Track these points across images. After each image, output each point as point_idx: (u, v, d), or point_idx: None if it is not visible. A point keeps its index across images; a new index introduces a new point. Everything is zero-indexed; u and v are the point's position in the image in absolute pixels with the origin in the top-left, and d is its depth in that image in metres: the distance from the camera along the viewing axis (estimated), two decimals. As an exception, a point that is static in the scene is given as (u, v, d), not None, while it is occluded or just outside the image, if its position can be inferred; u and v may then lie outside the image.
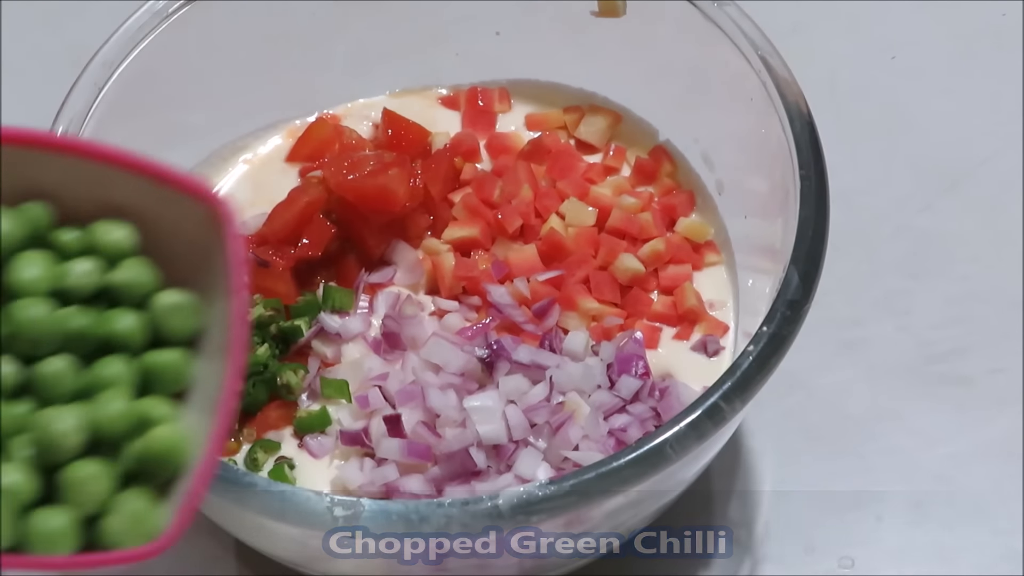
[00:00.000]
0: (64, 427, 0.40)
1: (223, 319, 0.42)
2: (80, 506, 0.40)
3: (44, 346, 0.40)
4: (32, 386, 0.41)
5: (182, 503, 0.41)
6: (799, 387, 0.75)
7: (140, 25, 0.69)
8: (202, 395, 0.42)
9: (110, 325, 0.41)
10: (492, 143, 0.80)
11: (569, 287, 0.72)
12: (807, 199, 0.62)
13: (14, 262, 0.41)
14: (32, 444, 0.40)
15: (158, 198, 0.42)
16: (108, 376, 0.41)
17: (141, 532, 0.41)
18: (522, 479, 0.64)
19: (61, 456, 0.40)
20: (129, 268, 0.42)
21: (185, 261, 0.43)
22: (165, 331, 0.42)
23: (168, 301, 0.42)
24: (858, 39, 0.91)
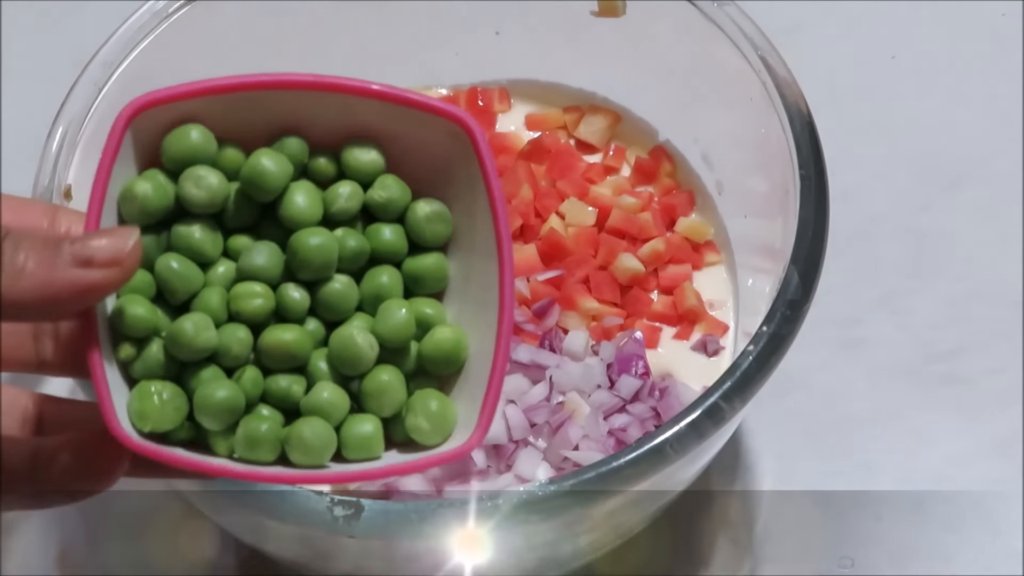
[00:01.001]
0: (364, 343, 0.44)
1: (477, 224, 0.45)
2: (381, 410, 0.44)
3: (326, 271, 0.44)
4: (317, 305, 0.45)
5: (485, 400, 0.44)
6: (799, 387, 0.75)
7: (140, 25, 0.69)
8: (463, 293, 0.46)
9: (379, 240, 0.46)
10: (492, 143, 0.79)
11: (569, 287, 0.72)
12: (807, 199, 0.62)
13: (287, 195, 0.45)
14: (332, 361, 0.44)
15: (400, 119, 0.46)
16: (383, 287, 0.45)
17: (442, 429, 0.44)
18: (522, 479, 0.64)
19: (361, 370, 0.44)
20: (385, 186, 0.46)
21: (426, 175, 0.46)
22: (422, 239, 0.46)
23: (424, 211, 0.46)
24: (858, 39, 0.91)
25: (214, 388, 0.43)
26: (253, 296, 0.44)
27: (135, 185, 0.44)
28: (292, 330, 0.44)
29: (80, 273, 0.40)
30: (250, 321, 0.44)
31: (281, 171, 0.45)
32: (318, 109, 0.46)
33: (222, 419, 0.43)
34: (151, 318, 0.43)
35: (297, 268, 0.44)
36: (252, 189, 0.45)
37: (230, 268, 0.45)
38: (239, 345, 0.44)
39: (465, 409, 0.45)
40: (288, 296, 0.44)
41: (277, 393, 0.44)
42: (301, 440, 0.43)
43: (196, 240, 0.44)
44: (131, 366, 0.43)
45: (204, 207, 0.44)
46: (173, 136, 0.45)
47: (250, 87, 0.45)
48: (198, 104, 0.45)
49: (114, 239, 0.41)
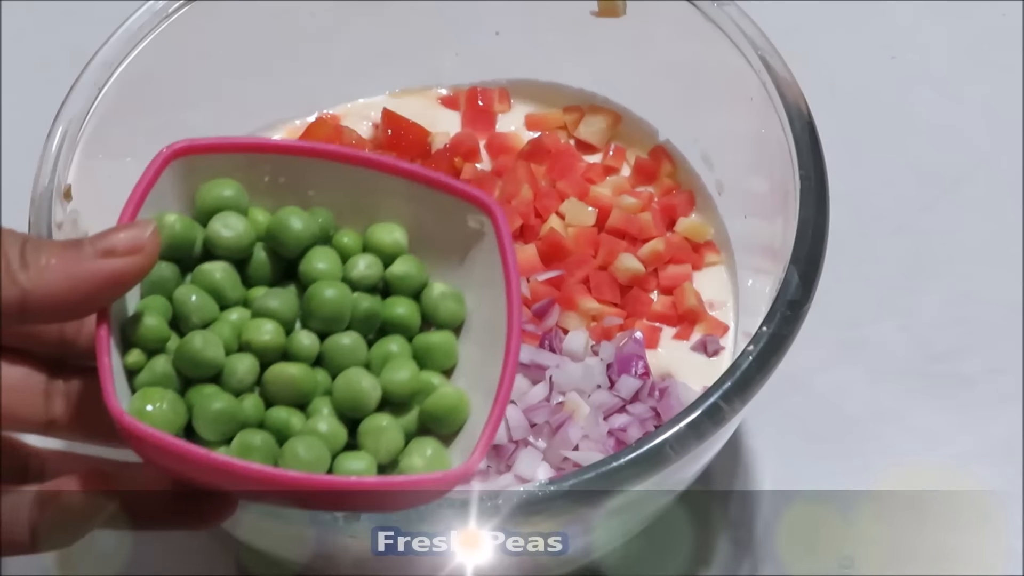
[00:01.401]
0: (368, 384, 0.45)
1: (488, 307, 0.47)
2: (376, 452, 0.45)
3: (337, 323, 0.46)
4: (325, 357, 0.46)
5: (477, 443, 0.44)
6: (799, 387, 0.75)
7: (140, 25, 0.69)
8: (470, 372, 0.47)
9: (392, 311, 0.47)
10: (492, 143, 0.80)
11: (569, 287, 0.72)
12: (807, 199, 0.62)
13: (309, 255, 0.47)
14: (335, 401, 0.45)
15: (427, 200, 0.48)
16: (392, 353, 0.47)
17: (435, 469, 0.45)
18: (522, 479, 0.64)
19: (362, 410, 0.45)
20: (403, 264, 0.48)
21: (447, 255, 0.48)
22: (435, 318, 0.48)
23: (439, 291, 0.48)
24: (858, 39, 0.91)
25: (214, 399, 0.44)
26: (264, 330, 0.45)
27: (165, 215, 0.45)
28: (299, 366, 0.45)
29: (102, 263, 0.41)
30: (259, 353, 0.45)
31: (306, 228, 0.46)
32: (349, 183, 0.47)
33: (219, 429, 0.44)
34: (164, 329, 0.44)
35: (310, 316, 0.46)
36: (276, 242, 0.46)
37: (245, 314, 0.46)
38: (244, 370, 0.44)
39: (460, 459, 0.45)
40: (298, 340, 0.45)
41: (275, 423, 0.45)
42: (294, 454, 0.43)
43: (217, 279, 0.46)
44: (137, 376, 0.44)
45: (230, 249, 0.46)
46: (207, 187, 0.46)
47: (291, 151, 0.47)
48: (234, 161, 0.47)
49: (133, 229, 0.42)
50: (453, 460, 0.45)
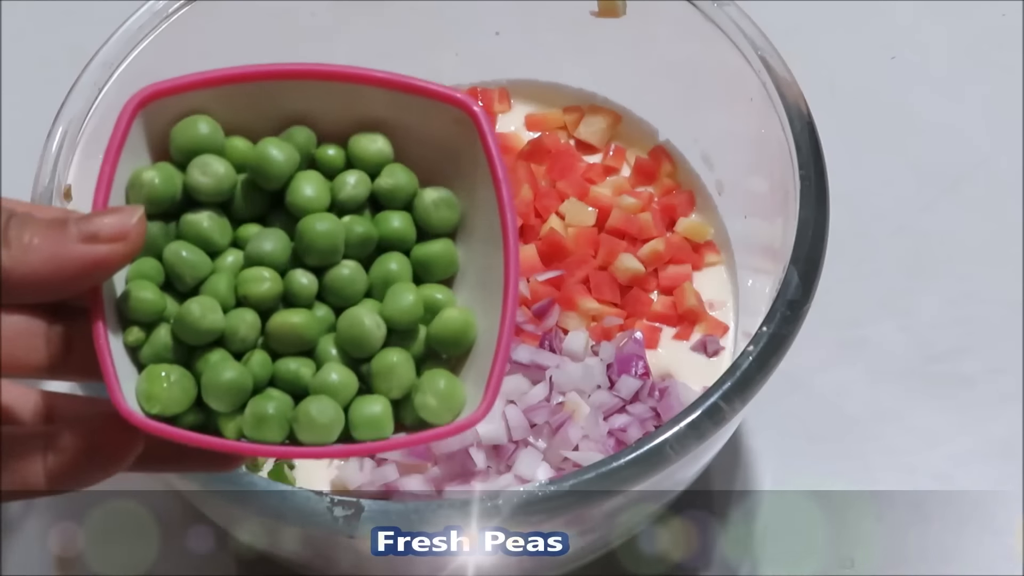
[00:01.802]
0: (372, 324, 0.44)
1: (482, 211, 0.46)
2: (390, 391, 0.44)
3: (333, 256, 0.45)
4: (325, 291, 0.45)
5: (490, 376, 0.44)
6: (799, 387, 0.75)
7: (140, 25, 0.69)
8: (472, 279, 0.46)
9: (387, 227, 0.46)
10: (492, 143, 0.79)
11: (569, 287, 0.72)
12: (807, 199, 0.62)
13: (294, 183, 0.45)
14: (340, 344, 0.44)
15: (406, 108, 0.46)
16: (392, 273, 0.45)
17: (450, 407, 0.44)
18: (522, 479, 0.64)
19: (368, 351, 0.44)
20: (392, 175, 0.46)
21: (433, 163, 0.47)
22: (430, 226, 0.46)
23: (432, 198, 0.46)
24: (858, 39, 0.91)
25: (222, 369, 0.43)
26: (261, 280, 0.44)
27: (142, 172, 0.44)
28: (300, 313, 0.44)
29: (86, 248, 0.41)
30: (258, 305, 0.44)
31: (288, 159, 0.45)
32: (324, 100, 0.46)
33: (230, 400, 0.43)
34: (159, 302, 0.43)
35: (304, 253, 0.44)
36: (259, 177, 0.45)
37: (238, 257, 0.45)
38: (246, 328, 0.44)
39: (472, 388, 0.45)
40: (296, 281, 0.44)
41: (286, 376, 0.44)
42: (308, 418, 0.43)
43: (204, 228, 0.44)
44: (139, 351, 0.44)
45: (211, 195, 0.45)
46: (180, 127, 0.45)
47: (256, 77, 0.46)
48: (205, 96, 0.45)
49: (119, 215, 0.41)
50: (466, 385, 0.45)
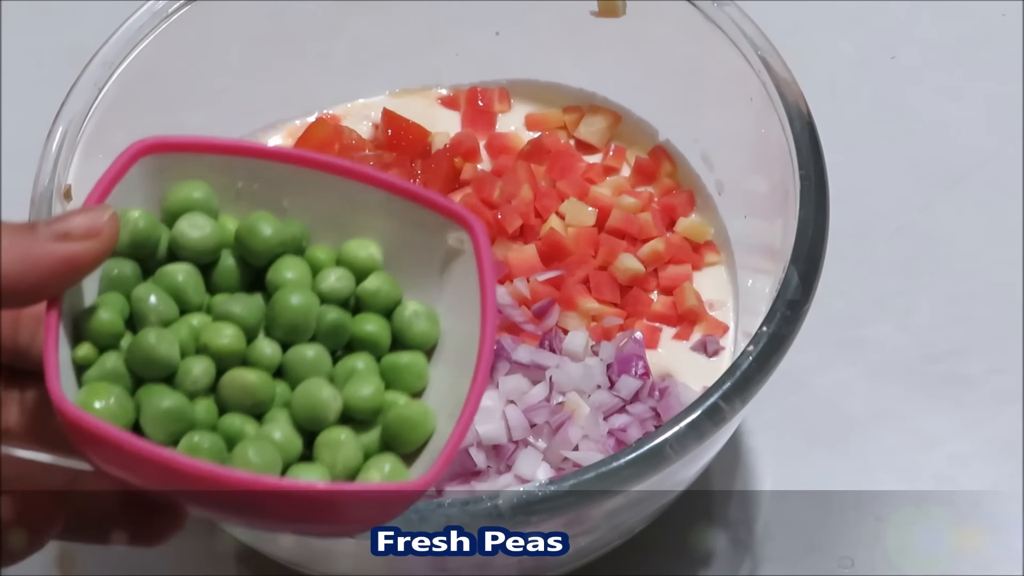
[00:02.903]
0: (328, 395, 0.43)
1: (462, 329, 0.45)
2: (332, 466, 0.43)
3: (301, 333, 0.44)
4: (286, 369, 0.44)
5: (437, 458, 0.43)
6: (799, 387, 0.75)
7: (140, 25, 0.69)
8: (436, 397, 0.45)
9: (362, 326, 0.45)
10: (492, 143, 0.80)
11: (569, 287, 0.72)
12: (807, 199, 0.62)
13: (278, 264, 0.45)
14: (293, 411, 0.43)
15: (405, 214, 0.46)
16: (358, 368, 0.45)
17: None
18: (522, 479, 0.64)
19: (320, 423, 0.43)
20: (376, 279, 0.46)
21: (421, 269, 0.47)
22: (406, 338, 0.46)
23: (412, 310, 0.46)
24: (858, 39, 0.91)
25: (164, 396, 0.42)
26: (223, 334, 0.43)
27: (128, 211, 0.43)
28: (257, 372, 0.43)
29: (58, 247, 0.40)
30: (217, 357, 0.43)
31: (276, 235, 0.44)
32: (325, 192, 0.46)
33: (167, 428, 0.42)
34: (118, 326, 0.42)
35: (273, 323, 0.44)
36: (244, 249, 0.45)
37: (206, 320, 0.44)
38: (199, 371, 0.42)
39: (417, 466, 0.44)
40: (259, 348, 0.43)
41: (228, 429, 0.43)
42: (244, 457, 0.41)
43: (179, 281, 0.44)
44: (86, 371, 0.42)
45: (195, 250, 0.44)
46: (177, 188, 0.45)
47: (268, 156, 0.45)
48: (207, 164, 0.45)
49: (89, 213, 0.41)
50: (413, 475, 0.43)
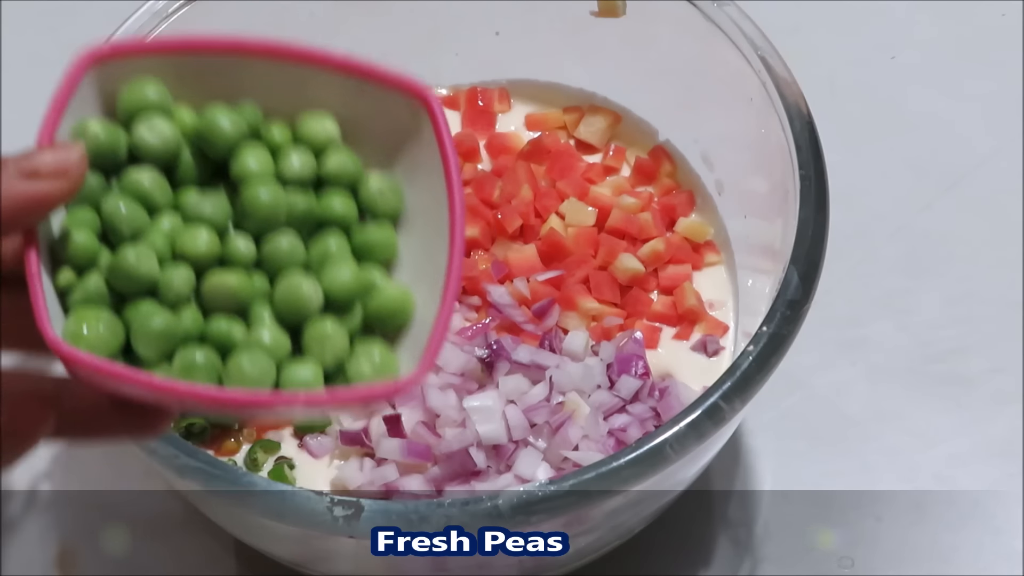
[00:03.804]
0: (309, 289, 0.44)
1: (430, 197, 0.46)
2: (322, 358, 0.44)
3: (273, 225, 0.44)
4: (263, 261, 0.44)
5: (427, 346, 0.44)
6: (799, 387, 0.75)
7: (140, 25, 0.69)
8: (414, 263, 0.46)
9: (329, 206, 0.45)
10: (492, 143, 0.80)
11: (569, 287, 0.72)
12: (807, 199, 0.62)
13: (239, 153, 0.45)
14: (276, 308, 0.44)
15: (358, 92, 0.46)
16: (330, 252, 0.45)
17: (383, 375, 0.44)
18: (522, 479, 0.64)
19: (304, 316, 0.44)
20: (337, 157, 0.46)
21: (382, 149, 0.47)
22: (373, 211, 0.46)
23: (376, 185, 0.46)
24: (858, 39, 0.91)
25: (152, 315, 0.42)
26: (199, 238, 0.43)
27: (87, 123, 0.43)
28: (236, 273, 0.44)
29: (26, 185, 0.40)
30: (194, 263, 0.43)
31: (234, 127, 0.44)
32: (275, 80, 0.46)
33: (159, 346, 0.42)
34: (93, 246, 0.43)
35: (245, 219, 0.44)
36: (205, 143, 0.44)
37: (177, 220, 0.44)
38: (180, 281, 0.43)
39: (408, 362, 0.44)
40: (234, 245, 0.44)
41: (216, 335, 0.43)
42: (239, 370, 0.42)
43: (145, 186, 0.44)
44: (70, 295, 0.43)
45: (156, 153, 0.44)
46: (129, 87, 0.44)
47: (210, 47, 0.45)
48: (156, 64, 0.45)
49: (59, 151, 0.41)
50: (401, 360, 0.44)
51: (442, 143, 0.45)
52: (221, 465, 0.56)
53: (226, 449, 0.68)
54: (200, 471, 0.55)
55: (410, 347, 0.45)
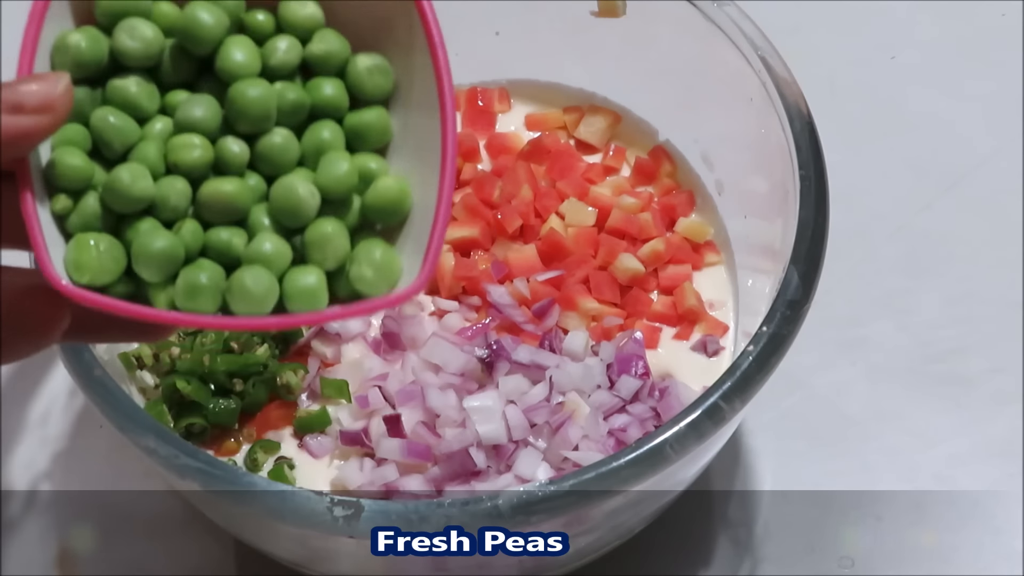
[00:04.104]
0: (306, 192, 0.43)
1: (418, 80, 0.45)
2: (324, 262, 0.43)
3: (264, 122, 0.44)
4: (257, 160, 0.44)
5: (428, 246, 0.43)
6: (799, 387, 0.75)
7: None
8: (407, 149, 0.45)
9: (319, 95, 0.45)
10: (492, 143, 0.80)
11: (569, 287, 0.72)
12: (807, 199, 0.62)
13: (223, 48, 0.44)
14: (273, 213, 0.43)
15: None
16: (324, 142, 0.44)
17: (387, 278, 0.44)
18: (522, 479, 0.64)
19: (302, 220, 0.43)
20: (324, 40, 0.45)
21: (366, 31, 0.46)
22: (363, 93, 0.45)
23: (365, 64, 0.45)
24: (858, 39, 0.91)
25: (153, 237, 0.42)
26: (191, 147, 0.43)
27: (68, 36, 0.43)
28: (232, 181, 0.43)
29: (10, 120, 0.40)
30: (188, 173, 0.43)
31: (217, 21, 0.44)
32: None
33: (161, 269, 0.42)
34: (86, 168, 0.42)
35: (235, 120, 0.43)
36: (188, 41, 0.44)
37: (167, 124, 0.44)
38: (177, 196, 0.43)
39: (409, 260, 0.44)
40: (227, 148, 0.43)
41: (217, 246, 0.43)
42: (242, 287, 0.42)
43: (132, 93, 0.43)
44: (67, 220, 0.43)
45: (139, 59, 0.43)
46: None
47: None
48: None
49: (44, 83, 0.41)
50: (402, 257, 0.44)
51: (425, 17, 0.44)
52: (221, 465, 0.56)
53: (226, 449, 0.68)
54: (200, 471, 0.55)
55: (410, 241, 0.44)
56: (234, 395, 0.68)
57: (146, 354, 0.69)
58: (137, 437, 0.56)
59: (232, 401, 0.68)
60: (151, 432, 0.56)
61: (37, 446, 0.74)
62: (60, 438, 0.75)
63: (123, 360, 0.68)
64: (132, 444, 0.56)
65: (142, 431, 0.56)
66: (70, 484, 0.73)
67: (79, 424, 0.75)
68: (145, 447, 0.55)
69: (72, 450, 0.74)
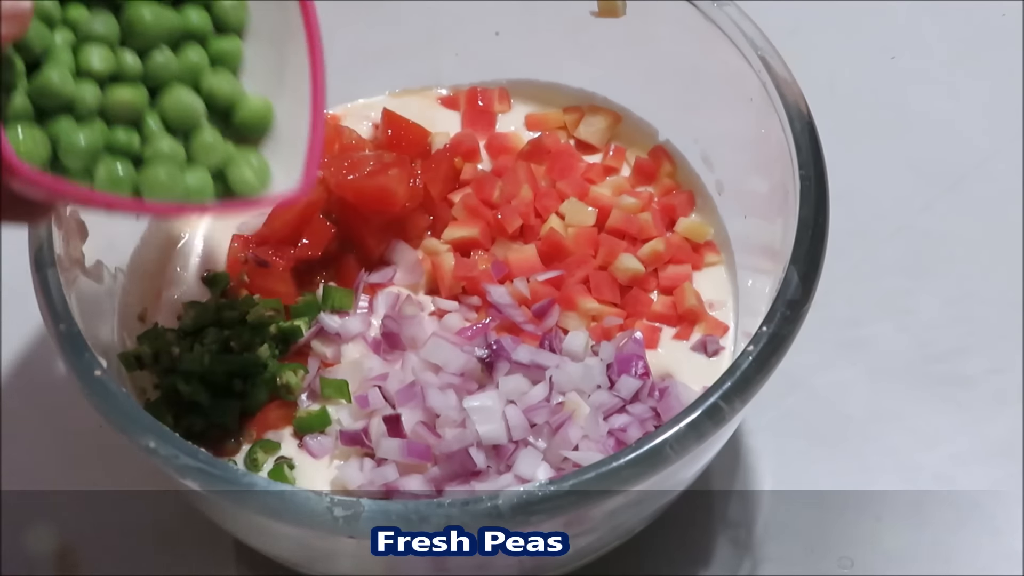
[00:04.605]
0: (191, 99, 0.53)
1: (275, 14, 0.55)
2: (208, 164, 0.53)
3: (154, 41, 0.53)
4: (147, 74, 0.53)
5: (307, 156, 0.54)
6: (799, 387, 0.75)
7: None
8: (260, 75, 0.55)
9: (188, 20, 0.54)
10: (492, 143, 0.80)
11: (569, 287, 0.72)
12: (807, 199, 0.62)
13: None
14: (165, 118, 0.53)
15: None
16: (194, 61, 0.54)
17: (264, 182, 0.54)
18: (522, 479, 0.64)
19: (191, 125, 0.53)
20: None
21: None
22: (225, 24, 0.55)
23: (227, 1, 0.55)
24: (858, 39, 0.92)
25: (79, 131, 0.50)
26: (100, 56, 0.51)
27: None
28: (131, 87, 0.52)
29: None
30: (96, 77, 0.51)
31: None
32: None
33: (83, 160, 0.50)
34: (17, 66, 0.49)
35: (131, 36, 0.52)
36: None
37: (70, 36, 0.51)
38: (91, 96, 0.51)
39: (282, 168, 0.53)
40: (125, 60, 0.52)
41: (120, 145, 0.51)
42: (156, 178, 0.52)
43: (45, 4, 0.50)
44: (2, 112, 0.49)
45: None
46: None
47: None
48: None
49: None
50: (272, 164, 0.54)
51: None
52: (221, 465, 0.56)
53: (226, 449, 0.68)
54: (200, 471, 0.55)
55: (282, 152, 0.54)
56: (234, 395, 0.68)
57: (146, 354, 0.69)
58: (137, 437, 0.56)
59: (232, 401, 0.68)
60: (151, 432, 0.56)
61: (37, 446, 0.74)
62: (60, 438, 0.75)
63: (123, 360, 0.68)
64: (132, 444, 0.56)
65: (142, 431, 0.56)
66: (70, 484, 0.73)
67: (79, 424, 0.75)
68: (145, 447, 0.55)
69: (72, 450, 0.74)
